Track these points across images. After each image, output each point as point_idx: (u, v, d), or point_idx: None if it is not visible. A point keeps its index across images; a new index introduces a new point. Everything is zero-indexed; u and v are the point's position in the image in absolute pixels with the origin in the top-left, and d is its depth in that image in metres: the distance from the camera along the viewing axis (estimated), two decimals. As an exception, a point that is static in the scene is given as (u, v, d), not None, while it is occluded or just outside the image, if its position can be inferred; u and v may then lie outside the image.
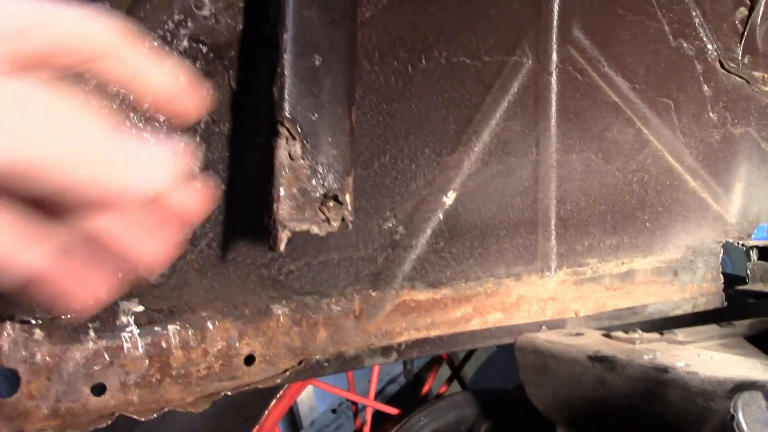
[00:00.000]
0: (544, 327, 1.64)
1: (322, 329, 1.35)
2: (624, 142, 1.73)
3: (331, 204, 1.07)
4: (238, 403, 1.81)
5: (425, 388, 2.40)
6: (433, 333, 1.49)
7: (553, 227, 1.64)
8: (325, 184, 1.07)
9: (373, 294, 1.40)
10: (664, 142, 1.80)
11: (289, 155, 1.04)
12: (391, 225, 1.41)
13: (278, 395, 1.86)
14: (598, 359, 1.38)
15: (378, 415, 2.12)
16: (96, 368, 1.12)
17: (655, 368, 1.29)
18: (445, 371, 2.51)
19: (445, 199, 1.47)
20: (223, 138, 1.20)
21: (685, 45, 1.82)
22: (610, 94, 1.69)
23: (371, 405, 2.08)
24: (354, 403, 2.25)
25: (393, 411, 2.05)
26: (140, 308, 1.16)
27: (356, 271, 1.38)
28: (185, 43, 1.15)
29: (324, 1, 1.08)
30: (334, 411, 4.04)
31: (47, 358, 1.08)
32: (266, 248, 1.27)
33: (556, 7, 1.58)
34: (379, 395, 3.85)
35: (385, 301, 1.42)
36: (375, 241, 1.40)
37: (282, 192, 1.03)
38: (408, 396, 3.23)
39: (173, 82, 0.75)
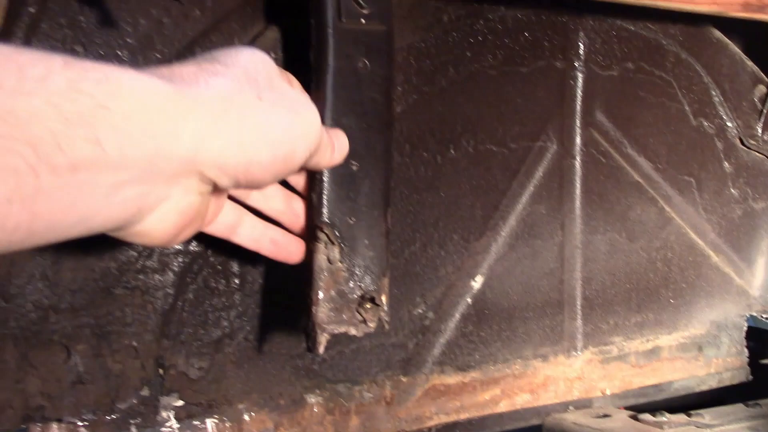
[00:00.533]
0: (571, 407, 1.66)
1: (355, 417, 1.37)
2: (647, 220, 1.76)
3: (368, 305, 1.09)
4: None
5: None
6: (463, 416, 1.50)
7: (578, 307, 1.66)
8: (362, 285, 1.10)
9: (404, 379, 1.43)
10: (687, 219, 1.83)
11: (328, 259, 1.07)
12: (421, 311, 1.44)
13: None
14: (627, 446, 1.39)
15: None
16: (137, 464, 1.15)
17: (684, 458, 1.30)
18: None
19: (473, 283, 1.50)
20: (260, 234, 1.24)
21: (706, 124, 1.85)
22: (633, 174, 1.72)
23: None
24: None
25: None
26: (180, 403, 1.19)
27: (387, 357, 1.40)
28: (226, 145, 1.19)
29: (361, 109, 1.12)
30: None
31: (91, 456, 1.11)
32: (300, 339, 1.30)
33: (579, 93, 1.62)
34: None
35: (416, 386, 1.44)
36: (405, 327, 1.42)
37: (321, 295, 1.06)
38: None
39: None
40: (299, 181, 1.05)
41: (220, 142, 0.64)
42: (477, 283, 1.50)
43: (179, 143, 0.61)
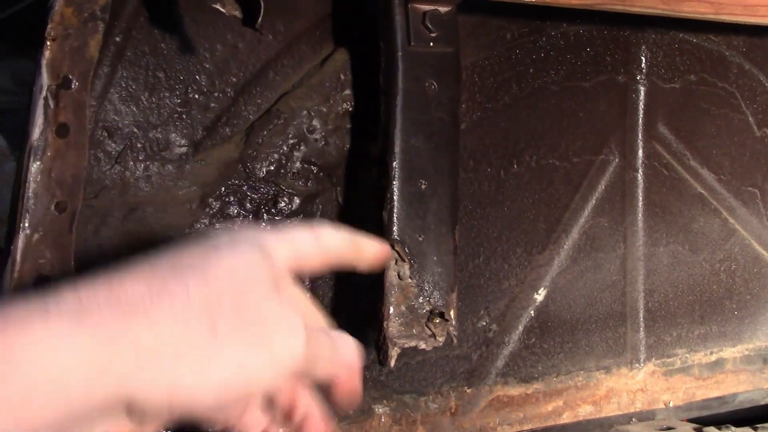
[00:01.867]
0: (634, 419, 1.66)
1: (421, 427, 1.40)
2: (710, 232, 1.76)
3: (437, 320, 1.13)
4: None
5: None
6: (526, 427, 1.52)
7: (641, 319, 1.66)
8: (431, 301, 1.13)
9: (468, 391, 1.45)
10: (751, 231, 1.82)
11: (398, 275, 1.11)
12: (485, 323, 1.47)
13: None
14: (692, 459, 1.40)
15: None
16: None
17: (751, 473, 1.30)
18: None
19: (536, 296, 1.52)
20: (330, 250, 1.28)
21: (770, 134, 1.84)
22: (695, 186, 1.72)
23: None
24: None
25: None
26: (255, 412, 1.24)
27: (452, 368, 1.43)
28: (298, 164, 1.24)
29: (429, 129, 1.15)
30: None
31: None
32: (369, 351, 1.34)
33: (641, 106, 1.63)
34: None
35: (480, 398, 1.47)
36: (470, 339, 1.45)
37: (391, 310, 1.10)
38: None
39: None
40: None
41: (145, 386, 0.58)
42: (540, 295, 1.52)
43: (96, 389, 0.56)
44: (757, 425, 1.60)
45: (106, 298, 0.59)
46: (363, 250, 0.86)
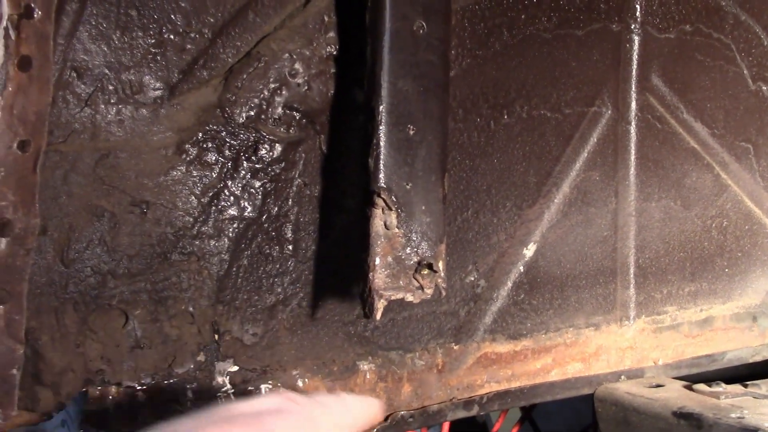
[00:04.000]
0: (623, 376, 1.63)
1: (407, 384, 1.36)
2: (703, 188, 1.72)
3: (425, 272, 1.08)
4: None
5: (495, 428, 2.38)
6: (514, 385, 1.49)
7: (632, 276, 1.63)
8: (419, 252, 1.08)
9: (456, 347, 1.41)
10: (743, 187, 1.78)
11: (385, 225, 1.06)
12: (473, 278, 1.42)
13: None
14: (683, 416, 1.37)
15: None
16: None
17: (744, 428, 1.27)
18: (515, 408, 2.50)
19: (525, 251, 1.48)
20: (314, 200, 1.23)
21: (765, 88, 1.79)
22: (688, 140, 1.68)
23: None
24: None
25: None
26: (235, 368, 1.19)
27: (439, 325, 1.39)
28: (280, 110, 1.18)
29: (418, 71, 1.10)
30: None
31: (148, 420, 1.12)
32: (353, 306, 1.29)
33: (635, 56, 1.58)
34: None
35: (467, 354, 1.43)
36: (457, 295, 1.41)
37: (377, 261, 1.05)
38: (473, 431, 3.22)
39: None
40: None
41: None
42: (530, 250, 1.48)
43: None
44: (747, 382, 1.58)
45: None
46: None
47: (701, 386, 1.52)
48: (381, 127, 1.07)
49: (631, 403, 1.48)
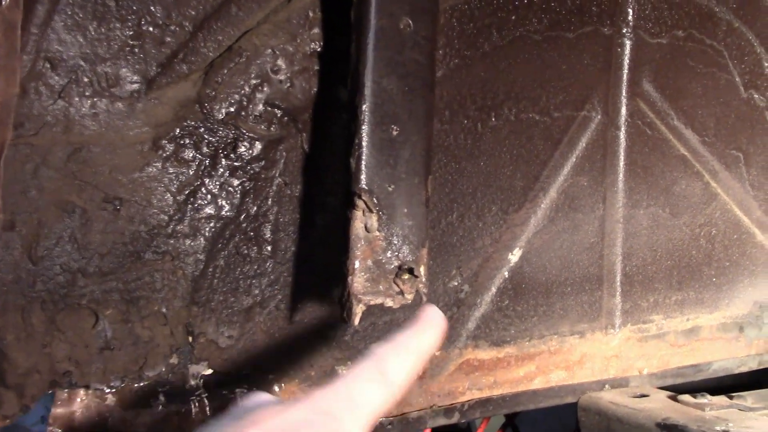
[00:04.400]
0: (607, 385, 1.61)
1: (386, 390, 1.33)
2: (692, 195, 1.70)
3: (405, 276, 1.05)
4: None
5: (478, 433, 2.36)
6: (496, 392, 1.46)
7: (618, 284, 1.60)
8: (400, 256, 1.05)
9: (437, 353, 1.39)
10: (733, 196, 1.76)
11: (365, 227, 1.03)
12: (456, 283, 1.40)
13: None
14: (667, 428, 1.35)
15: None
16: (165, 432, 1.12)
17: (728, 442, 1.25)
18: (497, 416, 2.47)
19: (510, 256, 1.45)
20: (294, 200, 1.20)
21: (756, 96, 1.77)
22: (678, 147, 1.66)
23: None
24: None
25: (446, 457, 2.03)
26: (209, 371, 1.16)
27: (421, 330, 1.36)
28: (261, 107, 1.15)
29: (403, 70, 1.07)
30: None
31: (118, 424, 1.09)
32: (333, 309, 1.26)
33: (626, 61, 1.55)
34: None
35: (449, 361, 1.40)
36: (440, 299, 1.38)
37: (357, 264, 1.02)
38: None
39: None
40: None
41: None
42: (515, 256, 1.45)
43: None
44: (732, 394, 1.56)
45: None
46: (429, 351, 0.82)
47: (686, 397, 1.49)
48: (364, 127, 1.04)
49: (615, 413, 1.45)
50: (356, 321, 1.02)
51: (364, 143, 1.03)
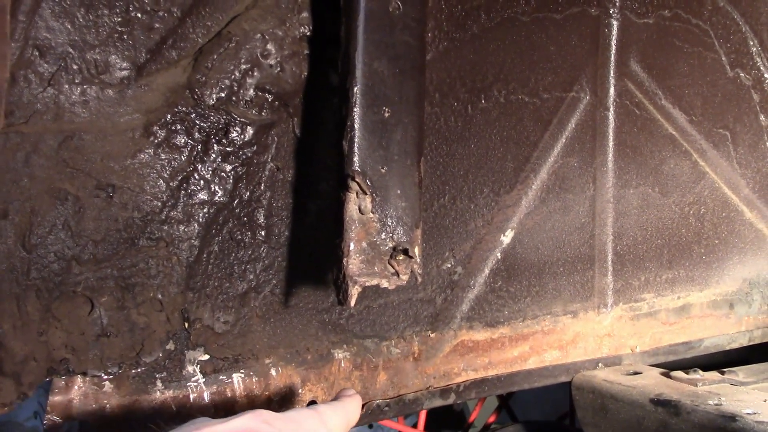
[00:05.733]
0: (600, 364, 1.62)
1: (383, 372, 1.34)
2: (681, 174, 1.71)
3: (400, 257, 1.06)
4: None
5: (473, 416, 2.37)
6: (491, 373, 1.47)
7: (609, 263, 1.62)
8: (395, 237, 1.06)
9: (432, 335, 1.39)
10: (721, 174, 1.77)
11: (359, 209, 1.03)
12: (449, 265, 1.40)
13: None
14: (660, 403, 1.36)
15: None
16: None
17: (722, 416, 1.26)
18: (493, 397, 2.49)
19: (503, 238, 1.46)
20: (287, 185, 1.20)
21: (743, 75, 1.78)
22: (667, 126, 1.67)
23: (420, 435, 2.07)
24: None
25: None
26: (206, 357, 1.16)
27: (416, 312, 1.37)
28: (251, 92, 1.15)
29: (393, 52, 1.07)
30: (370, 426, 4.01)
31: (116, 410, 1.09)
32: (328, 293, 1.27)
33: (614, 42, 1.56)
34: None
35: (444, 342, 1.41)
36: (434, 282, 1.39)
37: (351, 246, 1.03)
38: (452, 422, 3.22)
39: None
40: None
41: None
42: (507, 237, 1.46)
43: None
44: (724, 369, 1.57)
45: None
46: (354, 419, 0.92)
47: (679, 373, 1.51)
48: (355, 109, 1.04)
49: (608, 391, 1.47)
50: (352, 302, 1.02)
51: (356, 125, 1.03)
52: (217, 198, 1.14)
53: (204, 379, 1.16)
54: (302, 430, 0.77)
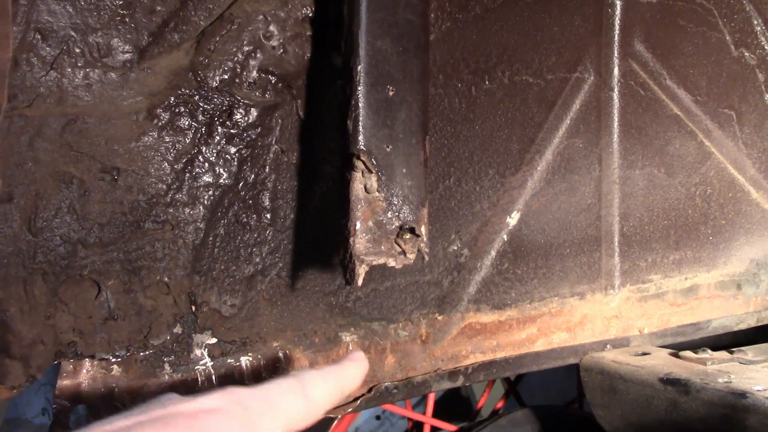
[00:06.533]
0: (608, 346, 1.62)
1: (390, 355, 1.34)
2: (686, 155, 1.70)
3: (407, 236, 1.05)
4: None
5: (480, 403, 2.37)
6: (499, 355, 1.47)
7: (616, 244, 1.61)
8: (401, 216, 1.05)
9: (439, 318, 1.39)
10: (727, 154, 1.76)
11: (365, 188, 1.03)
12: (456, 248, 1.40)
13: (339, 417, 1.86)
14: (670, 382, 1.36)
15: (434, 430, 2.11)
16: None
17: (732, 393, 1.26)
18: (499, 383, 2.50)
19: (509, 219, 1.45)
20: (292, 168, 1.20)
21: (747, 54, 1.77)
22: (672, 107, 1.66)
23: (429, 422, 2.07)
24: (410, 419, 2.24)
25: (450, 428, 2.03)
26: (213, 340, 1.16)
27: (422, 295, 1.37)
28: (255, 74, 1.14)
29: (397, 31, 1.06)
30: (378, 417, 4.02)
31: (124, 394, 1.09)
32: (334, 276, 1.27)
33: (617, 21, 1.55)
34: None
35: (451, 325, 1.41)
36: (440, 264, 1.38)
37: (358, 225, 1.02)
38: (460, 408, 3.22)
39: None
40: None
41: None
42: (513, 219, 1.45)
43: None
44: (733, 349, 1.57)
45: None
46: (347, 389, 0.85)
47: (688, 353, 1.50)
48: (359, 88, 1.03)
49: (617, 371, 1.46)
50: (359, 282, 1.02)
51: (360, 104, 1.03)
52: (221, 181, 1.14)
53: (212, 363, 1.16)
54: (279, 411, 0.73)
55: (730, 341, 1.94)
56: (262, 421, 0.70)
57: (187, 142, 1.11)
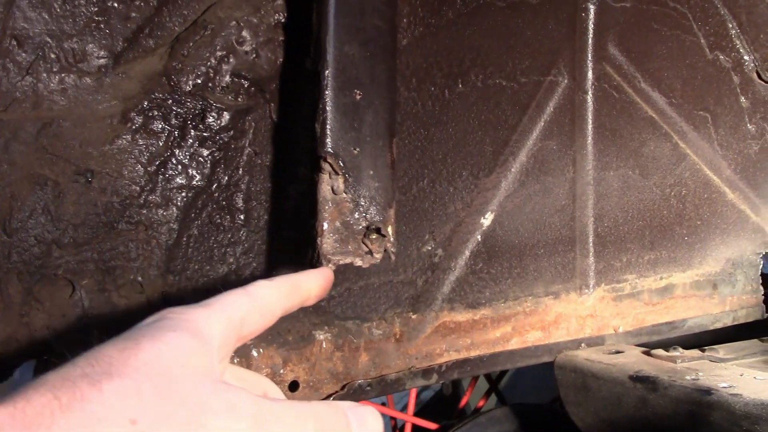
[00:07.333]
0: (583, 344, 1.65)
1: (364, 353, 1.36)
2: (661, 156, 1.73)
3: (373, 236, 1.08)
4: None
5: (463, 402, 2.40)
6: (473, 353, 1.50)
7: (591, 244, 1.64)
8: (368, 216, 1.08)
9: (414, 317, 1.42)
10: (702, 156, 1.79)
11: (332, 189, 1.06)
12: (430, 248, 1.43)
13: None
14: (639, 379, 1.38)
15: (416, 429, 2.13)
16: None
17: (697, 390, 1.29)
18: (482, 383, 2.52)
19: (483, 220, 1.48)
20: (265, 170, 1.23)
21: (722, 57, 1.80)
22: (646, 109, 1.69)
23: (410, 420, 2.10)
24: (392, 418, 2.26)
25: (431, 426, 2.06)
26: (188, 338, 1.19)
27: (396, 294, 1.39)
28: (227, 78, 1.17)
29: (364, 36, 1.09)
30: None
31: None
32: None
33: (591, 25, 1.58)
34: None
35: (426, 324, 1.43)
36: (414, 264, 1.41)
37: (325, 226, 1.05)
38: (445, 409, 3.24)
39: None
40: None
41: None
42: (487, 219, 1.48)
43: None
44: (705, 347, 1.60)
45: (10, 415, 0.54)
46: (305, 291, 0.88)
47: (659, 351, 1.53)
48: (327, 92, 1.06)
49: (590, 369, 1.49)
50: (326, 281, 1.05)
51: (328, 108, 1.06)
52: (195, 182, 1.17)
53: (186, 360, 1.18)
54: (218, 311, 0.72)
55: (710, 340, 1.97)
56: (199, 320, 0.69)
57: (161, 144, 1.14)
